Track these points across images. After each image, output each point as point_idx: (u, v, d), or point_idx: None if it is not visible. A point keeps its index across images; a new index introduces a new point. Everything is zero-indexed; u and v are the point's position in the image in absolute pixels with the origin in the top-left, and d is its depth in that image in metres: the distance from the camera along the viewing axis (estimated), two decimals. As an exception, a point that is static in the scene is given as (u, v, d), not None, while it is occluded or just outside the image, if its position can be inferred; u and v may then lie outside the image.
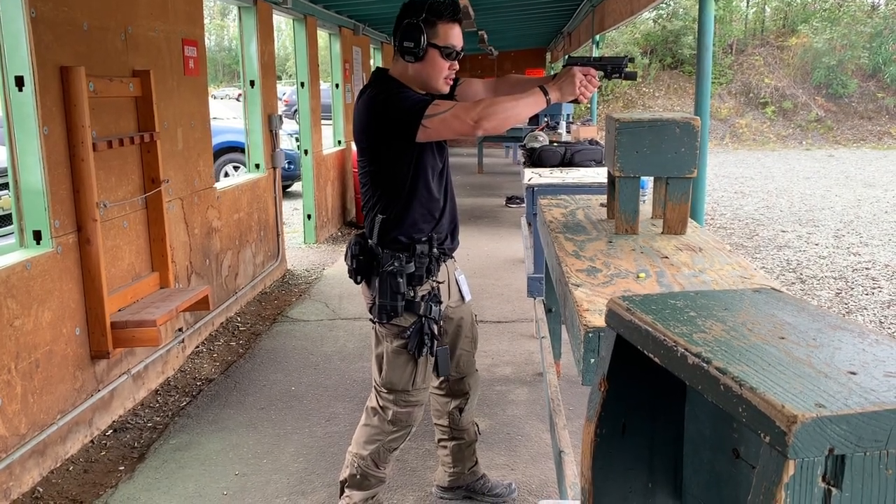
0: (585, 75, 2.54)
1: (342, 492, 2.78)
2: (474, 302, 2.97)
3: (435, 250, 2.59)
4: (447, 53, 2.48)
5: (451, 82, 2.57)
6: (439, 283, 2.64)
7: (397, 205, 2.57)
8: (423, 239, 2.57)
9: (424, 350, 2.57)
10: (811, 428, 0.76)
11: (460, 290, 2.80)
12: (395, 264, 2.53)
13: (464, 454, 3.04)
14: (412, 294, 2.56)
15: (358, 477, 2.71)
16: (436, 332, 2.61)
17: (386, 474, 2.75)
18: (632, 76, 2.77)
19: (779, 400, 0.80)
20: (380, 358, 2.66)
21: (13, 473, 3.09)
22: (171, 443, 3.66)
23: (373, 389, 2.73)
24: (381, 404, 2.67)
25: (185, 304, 4.06)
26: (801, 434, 0.76)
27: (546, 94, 2.49)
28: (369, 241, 2.59)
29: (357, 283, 2.65)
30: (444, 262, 2.70)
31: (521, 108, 2.44)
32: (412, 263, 2.54)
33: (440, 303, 2.63)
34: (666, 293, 1.21)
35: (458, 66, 2.56)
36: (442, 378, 2.90)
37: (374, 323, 2.64)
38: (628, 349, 1.13)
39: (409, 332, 2.57)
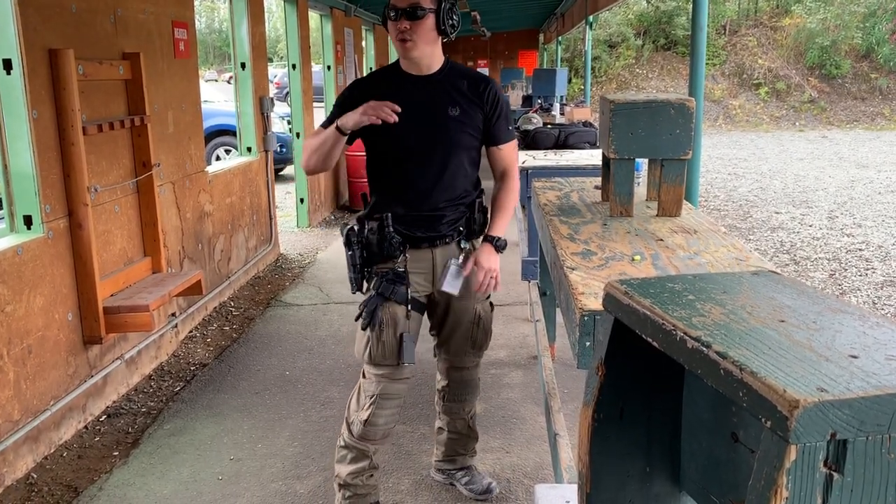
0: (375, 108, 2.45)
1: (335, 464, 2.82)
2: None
3: (389, 230, 2.56)
4: (390, 16, 2.50)
5: (404, 44, 2.49)
6: (399, 266, 2.59)
7: (371, 181, 2.67)
8: (376, 216, 2.59)
9: (366, 324, 2.58)
10: (813, 412, 0.75)
11: (442, 277, 2.65)
12: (349, 238, 2.60)
13: (445, 438, 3.03)
14: (368, 270, 2.61)
15: (341, 445, 2.72)
16: (388, 312, 2.57)
17: (367, 448, 2.67)
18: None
19: (780, 384, 0.79)
20: None
21: (7, 459, 3.08)
22: (165, 428, 3.66)
23: None
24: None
25: (177, 289, 4.04)
26: (802, 419, 0.75)
27: (337, 126, 2.49)
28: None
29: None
30: (423, 248, 2.64)
31: (317, 139, 2.56)
32: (366, 240, 2.59)
33: (402, 285, 2.58)
34: (664, 276, 1.19)
35: (406, 26, 2.46)
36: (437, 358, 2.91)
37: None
38: (626, 333, 1.12)
39: (362, 305, 2.61)
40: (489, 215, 2.75)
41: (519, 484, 3.13)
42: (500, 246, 2.64)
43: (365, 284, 2.65)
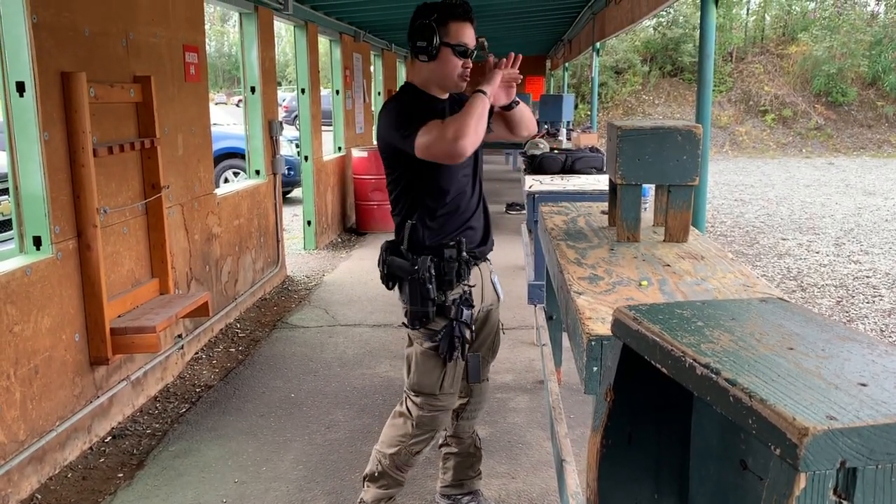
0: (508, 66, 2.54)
1: (364, 486, 2.83)
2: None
3: (465, 254, 2.59)
4: (459, 51, 2.53)
5: (467, 79, 2.58)
6: (471, 286, 2.63)
7: (424, 210, 2.60)
8: (451, 243, 2.59)
9: (455, 354, 2.57)
10: (823, 441, 0.75)
11: (496, 290, 2.81)
12: (425, 270, 2.54)
13: (453, 463, 3.02)
14: (443, 298, 2.57)
15: (376, 474, 2.76)
16: (467, 335, 2.61)
17: (405, 478, 2.75)
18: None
19: (790, 412, 0.79)
20: (409, 359, 2.67)
21: (11, 480, 3.07)
22: (170, 450, 3.65)
23: (403, 392, 2.74)
24: (408, 407, 2.69)
25: (184, 311, 4.05)
26: (812, 447, 0.75)
27: (483, 92, 2.48)
28: (401, 246, 2.62)
29: (389, 288, 2.68)
30: (478, 265, 2.71)
31: (477, 113, 2.43)
32: (441, 268, 2.56)
33: (472, 306, 2.62)
34: (672, 303, 1.20)
35: (470, 65, 2.57)
36: None
37: (405, 326, 2.65)
38: (634, 359, 1.12)
39: (440, 336, 2.57)
40: None
41: (524, 510, 3.11)
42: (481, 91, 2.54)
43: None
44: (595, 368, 1.72)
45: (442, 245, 2.58)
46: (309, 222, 8.18)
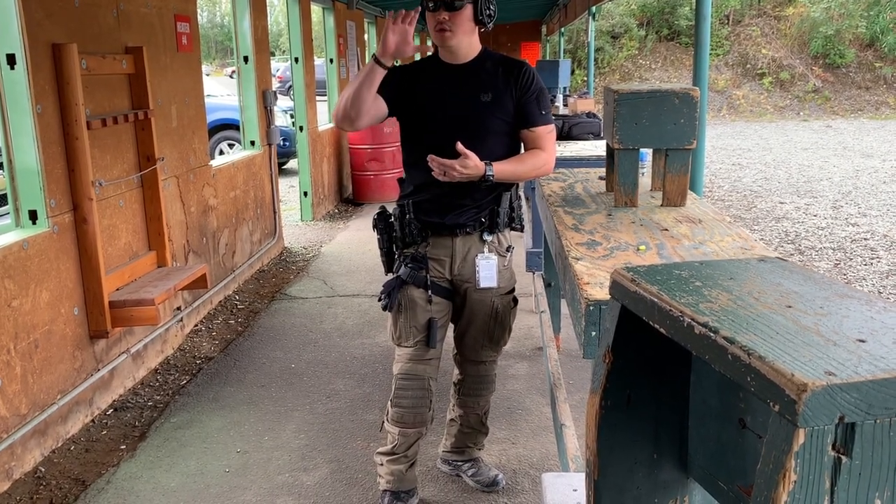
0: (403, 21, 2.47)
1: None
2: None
3: (410, 216, 2.64)
4: (429, 7, 2.54)
5: (441, 33, 2.53)
6: (420, 251, 2.67)
7: (403, 168, 2.77)
8: (400, 202, 2.71)
9: (386, 307, 2.68)
10: (821, 396, 0.76)
11: (477, 273, 2.68)
12: (375, 222, 2.74)
13: (456, 431, 3.04)
14: (396, 253, 2.73)
15: (382, 424, 2.85)
16: (408, 293, 2.66)
17: (395, 433, 2.74)
18: None
19: (788, 368, 0.79)
20: None
21: (15, 453, 3.09)
22: (171, 421, 3.67)
23: None
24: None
25: (182, 283, 4.05)
26: (811, 402, 0.75)
27: (376, 60, 2.47)
28: None
29: None
30: (448, 235, 2.65)
31: (356, 82, 2.50)
32: (392, 224, 2.71)
33: (420, 269, 2.65)
34: (670, 263, 1.19)
35: (443, 17, 2.49)
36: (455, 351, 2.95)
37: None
38: (632, 320, 1.12)
39: (383, 288, 2.71)
40: None
41: (525, 475, 3.14)
42: (488, 174, 2.49)
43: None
44: (594, 333, 1.73)
45: (399, 203, 2.71)
46: (305, 193, 8.16)
